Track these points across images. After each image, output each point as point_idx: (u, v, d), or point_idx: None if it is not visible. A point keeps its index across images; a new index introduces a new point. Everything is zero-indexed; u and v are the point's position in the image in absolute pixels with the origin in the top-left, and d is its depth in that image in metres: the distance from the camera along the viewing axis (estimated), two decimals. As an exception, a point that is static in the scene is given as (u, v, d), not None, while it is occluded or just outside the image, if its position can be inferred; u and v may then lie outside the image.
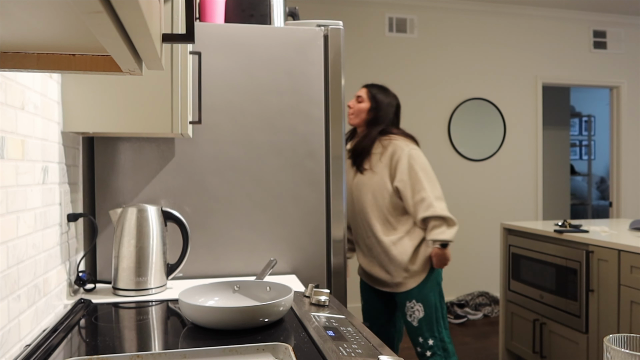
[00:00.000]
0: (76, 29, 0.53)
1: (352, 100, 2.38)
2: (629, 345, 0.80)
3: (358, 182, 2.29)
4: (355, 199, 2.31)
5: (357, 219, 2.32)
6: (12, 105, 1.05)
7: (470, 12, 4.56)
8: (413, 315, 2.21)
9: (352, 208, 2.36)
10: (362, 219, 2.29)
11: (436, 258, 2.18)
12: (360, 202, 2.29)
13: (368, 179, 2.27)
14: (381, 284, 2.29)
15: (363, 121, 2.33)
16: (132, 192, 1.69)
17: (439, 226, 2.15)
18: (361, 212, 2.29)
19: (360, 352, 0.96)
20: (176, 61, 1.47)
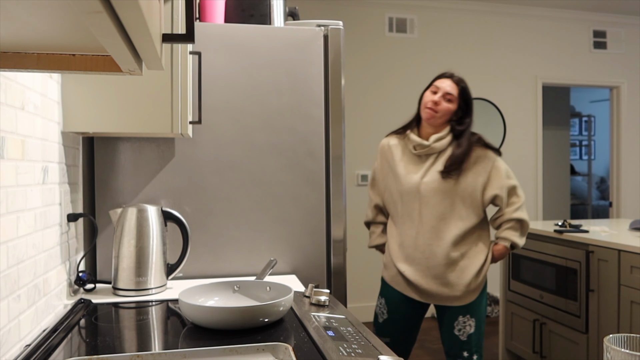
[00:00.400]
0: (76, 29, 0.53)
1: (437, 96, 1.99)
2: (629, 345, 0.80)
3: (433, 186, 1.98)
4: (423, 202, 1.99)
5: (416, 224, 2.01)
6: (12, 105, 1.05)
7: (470, 12, 4.56)
8: (463, 330, 2.03)
9: (404, 209, 2.04)
10: (427, 226, 1.99)
11: (499, 255, 2.06)
12: (430, 207, 1.98)
13: (451, 185, 1.98)
14: (431, 297, 2.03)
15: (445, 122, 2.02)
16: (132, 192, 1.69)
17: (517, 229, 2.05)
18: (428, 218, 1.99)
19: (360, 352, 0.96)
20: (176, 61, 1.47)
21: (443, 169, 1.98)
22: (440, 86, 2.01)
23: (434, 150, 2.01)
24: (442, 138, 2.01)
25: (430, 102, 1.99)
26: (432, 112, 1.99)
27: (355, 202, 4.27)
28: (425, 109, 2.00)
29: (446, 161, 1.99)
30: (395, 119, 4.36)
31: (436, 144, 2.01)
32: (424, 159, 2.03)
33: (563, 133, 6.12)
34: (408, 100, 4.41)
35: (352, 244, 4.25)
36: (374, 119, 4.35)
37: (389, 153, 2.15)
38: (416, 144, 2.02)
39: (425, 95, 2.04)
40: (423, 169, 2.02)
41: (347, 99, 4.31)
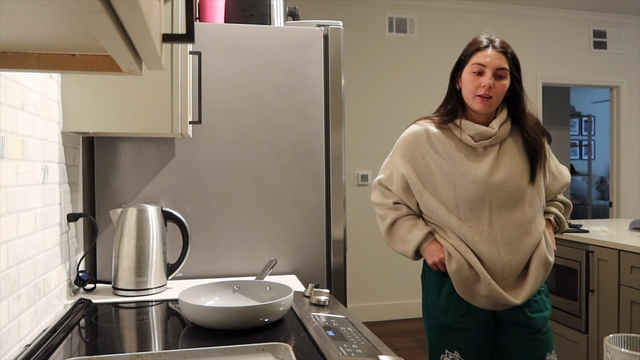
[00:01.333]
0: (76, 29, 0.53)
1: (486, 77, 1.52)
2: (629, 345, 0.80)
3: (509, 185, 1.54)
4: (495, 207, 1.54)
5: (486, 236, 1.54)
6: (12, 105, 1.05)
7: (470, 12, 4.56)
8: (550, 344, 1.60)
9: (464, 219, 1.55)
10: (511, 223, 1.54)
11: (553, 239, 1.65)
12: (505, 214, 1.54)
13: (527, 183, 1.59)
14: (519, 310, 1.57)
15: (498, 103, 1.58)
16: (132, 192, 1.69)
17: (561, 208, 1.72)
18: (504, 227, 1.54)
19: (360, 352, 0.96)
20: (176, 61, 1.47)
21: (532, 169, 1.58)
22: (486, 62, 1.53)
23: (499, 139, 1.58)
24: (504, 122, 1.60)
25: (482, 88, 1.52)
26: (487, 101, 1.53)
27: (355, 202, 4.27)
28: (476, 97, 1.53)
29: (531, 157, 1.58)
30: (395, 119, 4.36)
31: (501, 131, 1.58)
32: (483, 151, 1.58)
33: (563, 133, 6.12)
34: (408, 100, 4.41)
35: (352, 244, 4.25)
36: (374, 119, 4.35)
37: (427, 144, 1.61)
38: (477, 132, 1.56)
39: (466, 78, 1.57)
40: (489, 162, 1.56)
41: (347, 99, 4.31)
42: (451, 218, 1.56)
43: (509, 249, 1.54)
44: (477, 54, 1.57)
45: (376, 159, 4.32)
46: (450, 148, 1.59)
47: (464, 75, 1.58)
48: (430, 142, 1.61)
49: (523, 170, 1.57)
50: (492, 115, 1.61)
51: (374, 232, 4.31)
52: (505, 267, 1.54)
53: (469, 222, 1.55)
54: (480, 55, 1.56)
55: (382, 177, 1.69)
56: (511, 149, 1.60)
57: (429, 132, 1.62)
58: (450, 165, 1.57)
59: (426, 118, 1.69)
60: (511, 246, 1.54)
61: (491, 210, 1.54)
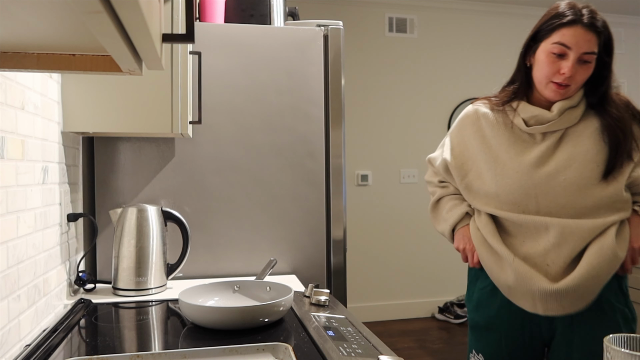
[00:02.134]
0: (76, 29, 0.53)
1: (568, 62, 1.25)
2: (629, 345, 0.80)
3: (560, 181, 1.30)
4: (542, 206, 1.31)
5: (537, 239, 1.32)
6: (12, 105, 1.05)
7: (470, 12, 4.56)
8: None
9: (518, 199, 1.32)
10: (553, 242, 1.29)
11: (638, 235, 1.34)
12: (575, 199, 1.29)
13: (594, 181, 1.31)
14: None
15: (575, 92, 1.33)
16: (132, 192, 1.69)
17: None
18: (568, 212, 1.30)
19: (360, 352, 0.96)
20: (176, 61, 1.47)
21: (605, 167, 1.29)
22: (572, 43, 1.24)
23: (559, 125, 1.32)
24: (572, 107, 1.32)
25: (559, 75, 1.26)
26: (562, 90, 1.29)
27: (355, 202, 4.27)
28: (550, 84, 1.29)
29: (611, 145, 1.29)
30: (395, 119, 4.37)
31: (565, 116, 1.31)
32: (541, 139, 1.34)
33: (563, 133, 6.10)
34: (407, 100, 4.41)
35: (352, 244, 4.25)
36: (374, 119, 4.35)
37: (474, 127, 1.43)
38: (531, 115, 1.33)
39: (542, 59, 1.29)
40: (541, 150, 1.32)
41: (347, 99, 4.31)
42: (490, 210, 1.37)
43: (558, 233, 1.28)
44: (560, 30, 1.25)
45: (376, 159, 4.33)
46: (500, 132, 1.37)
47: (540, 54, 1.30)
48: (477, 125, 1.42)
49: (591, 162, 1.28)
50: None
51: (374, 232, 4.31)
52: (549, 252, 1.28)
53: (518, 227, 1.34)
54: (566, 32, 1.24)
55: (432, 155, 1.57)
56: (579, 135, 1.31)
57: (479, 114, 1.43)
58: (496, 151, 1.36)
59: (485, 98, 1.48)
60: (563, 229, 1.27)
61: (538, 206, 1.31)
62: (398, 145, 4.36)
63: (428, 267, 4.44)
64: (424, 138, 4.43)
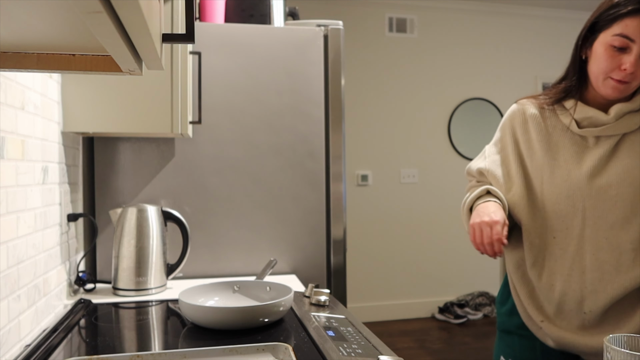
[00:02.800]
0: (76, 29, 0.53)
1: (631, 56, 1.11)
2: (629, 345, 0.80)
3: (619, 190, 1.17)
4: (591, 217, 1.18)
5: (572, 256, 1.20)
6: (12, 105, 1.05)
7: (470, 12, 4.56)
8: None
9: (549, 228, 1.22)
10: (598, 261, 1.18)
11: None
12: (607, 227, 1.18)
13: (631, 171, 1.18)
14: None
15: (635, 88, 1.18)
16: (132, 192, 1.69)
17: None
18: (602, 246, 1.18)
19: (360, 352, 0.96)
20: (176, 61, 1.47)
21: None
22: (636, 34, 1.10)
23: (615, 130, 1.19)
24: (633, 111, 1.19)
25: (620, 71, 1.12)
26: (622, 86, 1.15)
27: (355, 202, 4.28)
28: (608, 79, 1.15)
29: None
30: (395, 119, 4.37)
31: (623, 121, 1.18)
32: (594, 143, 1.21)
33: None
34: (408, 100, 4.41)
35: (352, 244, 4.25)
36: (374, 119, 4.35)
37: (521, 128, 1.29)
38: (585, 116, 1.21)
39: (600, 52, 1.15)
40: (593, 158, 1.19)
41: (347, 99, 4.31)
42: (535, 221, 1.23)
43: (598, 278, 1.16)
44: (623, 21, 1.10)
45: (376, 159, 4.33)
46: (549, 134, 1.24)
47: (597, 47, 1.15)
48: (524, 126, 1.28)
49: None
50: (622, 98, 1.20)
51: (374, 232, 4.31)
52: (586, 299, 1.18)
53: (554, 231, 1.21)
54: (629, 23, 1.10)
55: (471, 165, 1.42)
56: (636, 145, 1.18)
57: (526, 114, 1.29)
58: (544, 155, 1.23)
59: (532, 96, 1.34)
60: (602, 275, 1.16)
61: (584, 221, 1.18)
62: (398, 145, 4.36)
63: (428, 267, 4.44)
64: (424, 138, 4.43)
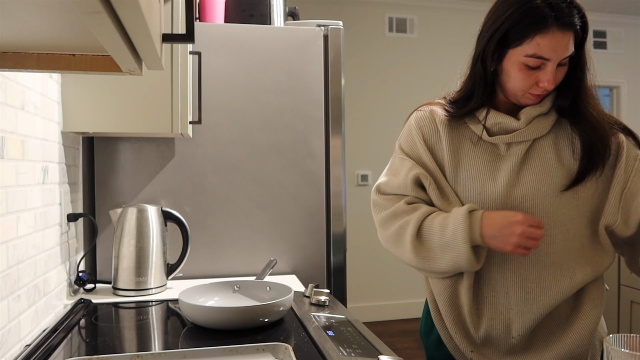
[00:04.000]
0: (76, 29, 0.53)
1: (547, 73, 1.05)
2: (629, 345, 0.80)
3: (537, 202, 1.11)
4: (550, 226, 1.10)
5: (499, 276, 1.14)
6: (12, 105, 1.05)
7: (470, 12, 4.55)
8: None
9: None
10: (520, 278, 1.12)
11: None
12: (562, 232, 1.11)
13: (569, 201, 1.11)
14: None
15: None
16: (132, 192, 1.69)
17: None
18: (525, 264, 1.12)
19: (360, 352, 0.96)
20: (176, 61, 1.47)
21: (571, 176, 1.10)
22: (550, 52, 1.03)
23: (526, 135, 1.12)
24: (541, 115, 1.13)
25: (538, 88, 1.07)
26: (541, 96, 1.10)
27: (355, 202, 4.27)
28: (527, 94, 1.09)
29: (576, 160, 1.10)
30: (395, 119, 4.36)
31: (533, 126, 1.12)
32: (504, 150, 1.14)
33: (563, 133, 6.10)
34: (408, 100, 4.41)
35: (352, 244, 4.25)
36: (374, 119, 4.35)
37: (435, 136, 1.18)
38: (495, 123, 1.13)
39: (515, 72, 1.07)
40: (506, 168, 1.12)
41: (347, 99, 4.31)
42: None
43: (522, 298, 1.11)
44: (534, 39, 1.03)
45: (376, 159, 4.32)
46: (460, 142, 1.16)
47: (509, 65, 1.08)
48: (437, 134, 1.17)
49: (557, 182, 1.10)
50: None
51: (374, 232, 4.30)
52: (514, 322, 1.12)
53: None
54: (541, 41, 1.02)
55: (381, 182, 1.23)
56: (545, 150, 1.13)
57: (436, 121, 1.18)
58: (455, 166, 1.15)
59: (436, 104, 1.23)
60: (526, 295, 1.11)
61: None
62: (398, 145, 4.35)
63: (428, 267, 4.44)
64: (424, 138, 4.43)
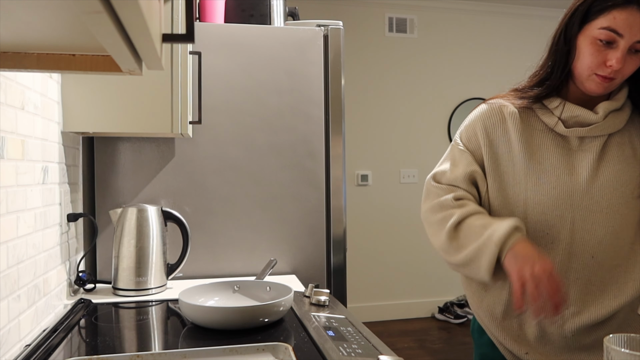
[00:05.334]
0: (76, 29, 0.53)
1: (617, 52, 0.99)
2: (629, 345, 0.80)
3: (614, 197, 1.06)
4: (581, 228, 1.06)
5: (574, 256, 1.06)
6: (12, 105, 1.05)
7: (470, 12, 4.56)
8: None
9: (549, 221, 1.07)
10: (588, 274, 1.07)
11: None
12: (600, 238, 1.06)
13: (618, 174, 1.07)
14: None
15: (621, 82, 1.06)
16: (132, 192, 1.69)
17: None
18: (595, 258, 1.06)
19: (360, 352, 0.96)
20: (176, 61, 1.47)
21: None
22: (625, 28, 0.97)
23: (603, 130, 1.07)
24: (618, 109, 1.08)
25: (606, 68, 1.01)
26: (607, 83, 1.03)
27: (355, 202, 4.27)
28: (593, 75, 1.03)
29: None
30: (395, 119, 4.36)
31: (609, 120, 1.07)
32: (578, 145, 1.09)
33: (563, 133, 6.10)
34: (408, 100, 4.41)
35: (352, 244, 4.25)
36: (374, 119, 4.35)
37: (501, 127, 1.13)
38: (571, 115, 1.08)
39: (586, 47, 1.03)
40: (584, 163, 1.07)
41: (347, 99, 4.31)
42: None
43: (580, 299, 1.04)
44: (611, 13, 0.98)
45: (376, 159, 4.33)
46: (531, 136, 1.10)
47: (582, 41, 1.04)
48: (503, 127, 1.12)
49: (635, 182, 1.05)
50: (604, 96, 1.09)
51: (374, 232, 4.31)
52: (568, 321, 1.06)
53: (537, 247, 1.04)
54: (617, 15, 0.97)
55: (437, 170, 1.17)
56: (622, 148, 1.08)
57: (503, 112, 1.14)
58: (529, 159, 1.09)
59: (504, 95, 1.20)
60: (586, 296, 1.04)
61: (572, 235, 1.05)
62: (398, 145, 4.36)
63: (428, 267, 4.44)
64: (424, 138, 4.43)
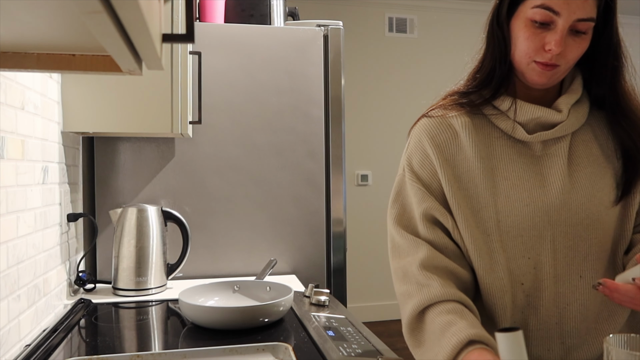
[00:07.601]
0: (76, 29, 0.53)
1: (555, 35, 0.85)
2: (629, 345, 0.80)
3: (593, 209, 0.92)
4: (580, 231, 0.91)
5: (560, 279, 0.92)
6: (12, 105, 1.05)
7: (470, 12, 4.55)
8: None
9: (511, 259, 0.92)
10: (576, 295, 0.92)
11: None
12: (582, 255, 0.92)
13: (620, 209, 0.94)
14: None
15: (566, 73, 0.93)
16: (132, 192, 1.69)
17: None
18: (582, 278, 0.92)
19: (360, 352, 0.96)
20: (176, 61, 1.47)
21: (618, 178, 0.94)
22: (561, 6, 0.84)
23: (568, 129, 0.93)
24: (578, 102, 0.95)
25: (545, 52, 0.87)
26: (550, 71, 0.89)
27: (355, 202, 4.27)
28: (533, 64, 0.89)
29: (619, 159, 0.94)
30: (395, 119, 4.36)
31: (572, 116, 0.94)
32: (541, 150, 0.94)
33: (563, 133, 6.10)
34: (408, 100, 4.41)
35: (352, 244, 4.25)
36: (374, 119, 4.35)
37: (453, 144, 0.96)
38: (531, 118, 0.93)
39: (520, 30, 0.90)
40: (555, 171, 0.93)
41: (347, 99, 4.30)
42: (493, 268, 0.91)
43: (575, 328, 0.92)
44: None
45: (376, 159, 4.33)
46: (488, 146, 0.95)
47: (516, 24, 0.91)
48: (457, 142, 0.96)
49: (609, 185, 0.93)
50: (556, 89, 0.96)
51: (374, 232, 4.31)
52: (568, 356, 0.93)
53: (521, 276, 0.92)
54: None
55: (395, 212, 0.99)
56: (589, 146, 0.95)
57: (454, 126, 0.97)
58: (491, 175, 0.93)
59: (442, 106, 1.03)
60: (581, 324, 0.92)
61: (555, 254, 0.91)
62: (398, 145, 4.35)
63: (428, 267, 4.44)
64: (424, 138, 4.43)
